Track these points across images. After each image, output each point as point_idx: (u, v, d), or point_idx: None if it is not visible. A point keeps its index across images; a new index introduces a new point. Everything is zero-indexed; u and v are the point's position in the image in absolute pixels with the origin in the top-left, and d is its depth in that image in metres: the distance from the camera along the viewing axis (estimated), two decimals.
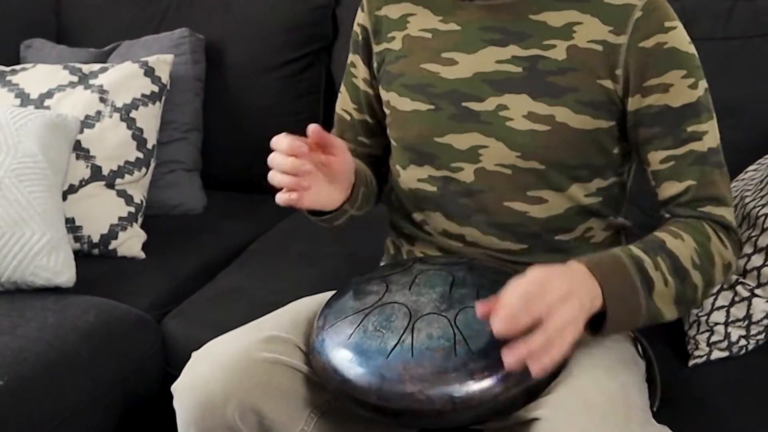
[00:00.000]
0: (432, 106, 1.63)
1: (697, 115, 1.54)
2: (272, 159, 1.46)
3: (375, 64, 1.75)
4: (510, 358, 1.27)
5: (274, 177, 1.47)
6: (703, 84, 1.55)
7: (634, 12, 1.53)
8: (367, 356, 1.42)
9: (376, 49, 1.73)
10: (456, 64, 1.61)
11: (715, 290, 1.62)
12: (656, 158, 1.55)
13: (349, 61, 1.82)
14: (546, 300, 1.29)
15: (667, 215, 1.56)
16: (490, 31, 1.60)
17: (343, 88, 1.85)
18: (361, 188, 1.68)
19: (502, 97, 1.57)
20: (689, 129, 1.53)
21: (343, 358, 1.43)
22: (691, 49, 1.55)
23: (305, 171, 1.45)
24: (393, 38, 1.70)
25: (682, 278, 1.45)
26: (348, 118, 1.83)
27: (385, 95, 1.71)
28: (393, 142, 1.73)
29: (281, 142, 1.45)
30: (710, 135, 1.54)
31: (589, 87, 1.54)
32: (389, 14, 1.71)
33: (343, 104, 1.84)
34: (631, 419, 1.34)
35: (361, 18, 1.76)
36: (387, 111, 1.71)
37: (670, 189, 1.55)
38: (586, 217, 1.60)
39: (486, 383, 1.36)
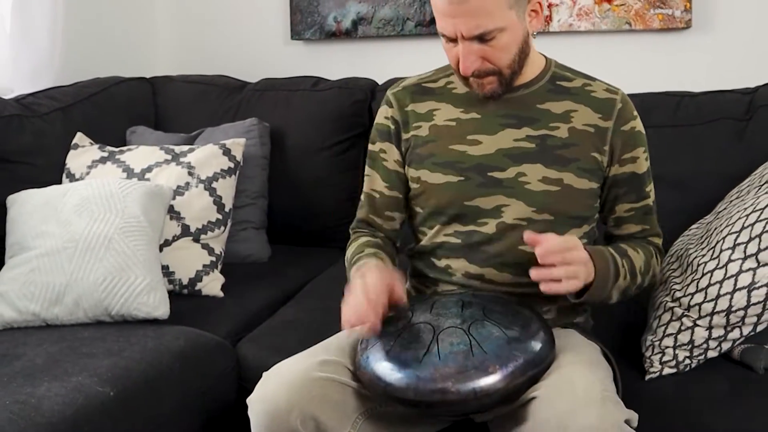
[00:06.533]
0: (462, 177, 1.69)
1: (648, 179, 1.76)
2: (361, 313, 1.52)
3: (403, 149, 1.77)
4: (536, 274, 1.51)
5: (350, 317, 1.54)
6: (648, 156, 1.73)
7: (615, 104, 1.69)
8: (403, 364, 1.47)
9: (404, 136, 1.77)
10: (480, 143, 1.69)
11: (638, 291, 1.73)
12: (622, 209, 1.75)
13: (377, 149, 1.82)
14: (573, 255, 1.52)
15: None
16: (506, 117, 1.69)
17: (371, 172, 1.84)
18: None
19: (521, 167, 1.66)
20: (646, 189, 1.75)
21: (385, 368, 1.48)
22: (644, 130, 1.72)
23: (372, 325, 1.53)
24: (419, 127, 1.75)
25: (632, 277, 1.64)
26: (378, 196, 1.83)
27: (414, 173, 1.75)
28: (420, 210, 1.76)
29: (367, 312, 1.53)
30: (653, 192, 1.78)
31: (586, 158, 1.67)
32: (416, 109, 1.76)
33: (373, 185, 1.84)
34: (607, 399, 1.42)
35: (389, 113, 1.79)
36: (416, 185, 1.75)
37: (629, 229, 1.76)
38: None
39: (499, 375, 1.42)
